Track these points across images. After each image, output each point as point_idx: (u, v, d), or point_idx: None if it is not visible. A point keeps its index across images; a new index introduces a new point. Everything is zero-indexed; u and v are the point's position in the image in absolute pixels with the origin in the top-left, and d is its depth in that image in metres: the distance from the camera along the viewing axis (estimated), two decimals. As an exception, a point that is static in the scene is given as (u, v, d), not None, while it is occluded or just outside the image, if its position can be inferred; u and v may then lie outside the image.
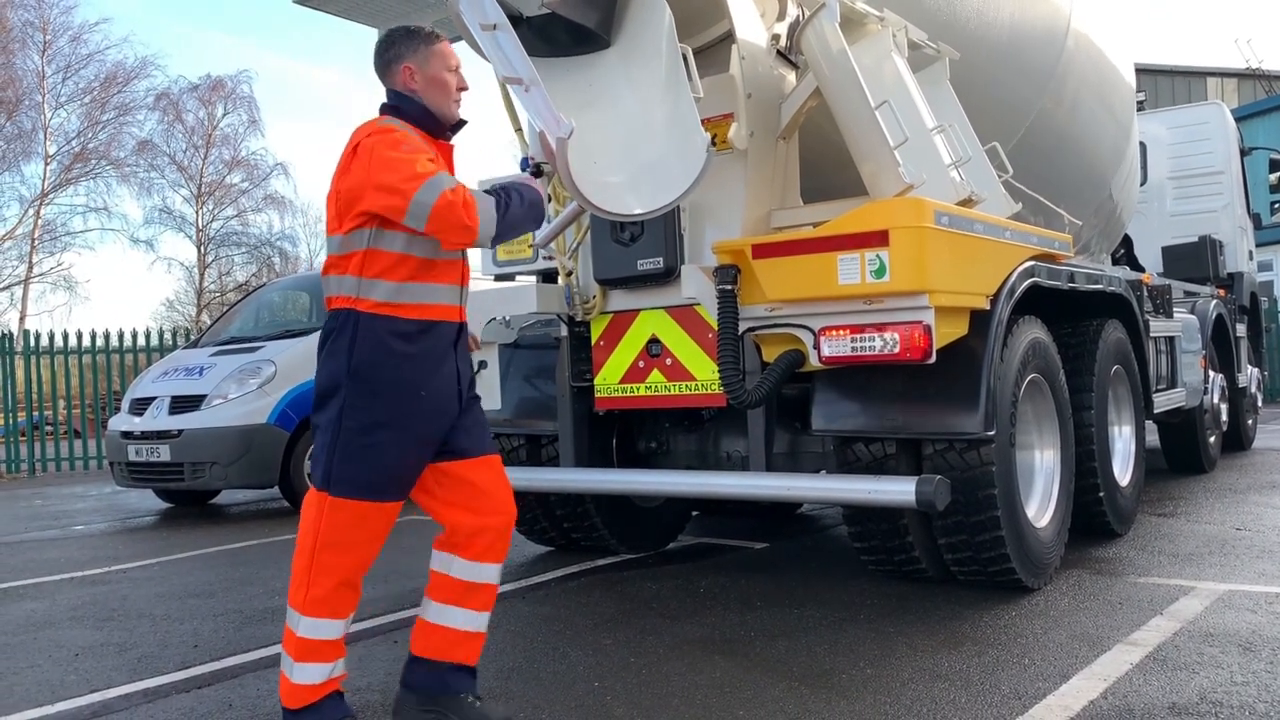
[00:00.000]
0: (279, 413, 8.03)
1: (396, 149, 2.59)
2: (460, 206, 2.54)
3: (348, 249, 2.67)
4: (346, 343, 2.67)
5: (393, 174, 2.55)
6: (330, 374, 2.70)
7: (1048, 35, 5.54)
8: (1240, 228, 9.71)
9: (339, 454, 2.67)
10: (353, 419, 2.66)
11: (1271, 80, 24.81)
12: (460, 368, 2.83)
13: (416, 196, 2.52)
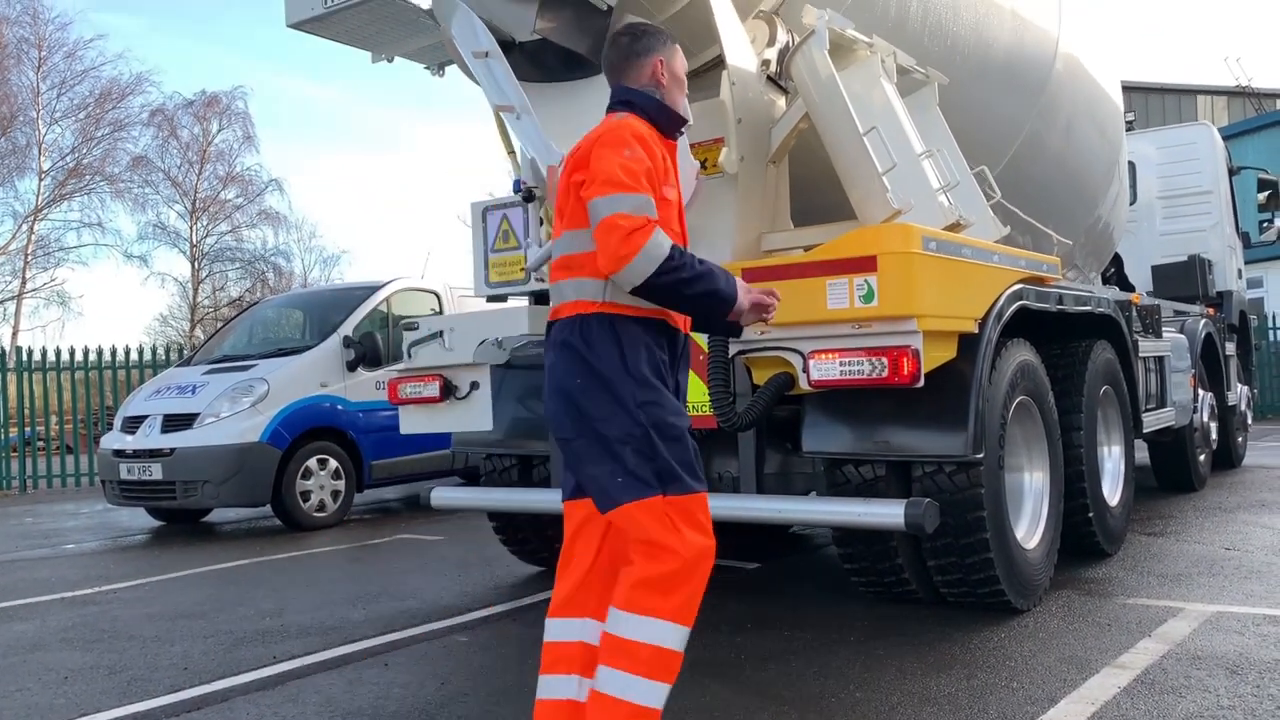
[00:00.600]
0: (271, 431, 8.04)
1: (619, 151, 2.50)
2: (623, 233, 2.40)
3: (588, 248, 2.53)
4: (614, 348, 2.51)
5: (604, 181, 2.46)
6: (606, 383, 2.50)
7: (1036, 58, 5.59)
8: (1229, 247, 9.77)
9: (663, 450, 2.48)
10: (654, 414, 2.50)
11: (1261, 98, 25.02)
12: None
13: (603, 206, 2.44)
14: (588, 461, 2.53)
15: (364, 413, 8.60)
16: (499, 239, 5.13)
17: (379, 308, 9.17)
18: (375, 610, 4.95)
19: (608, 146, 2.52)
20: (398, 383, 4.87)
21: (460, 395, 4.73)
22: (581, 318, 2.55)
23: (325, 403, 8.45)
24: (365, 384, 8.64)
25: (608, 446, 2.49)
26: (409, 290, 9.54)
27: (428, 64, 5.21)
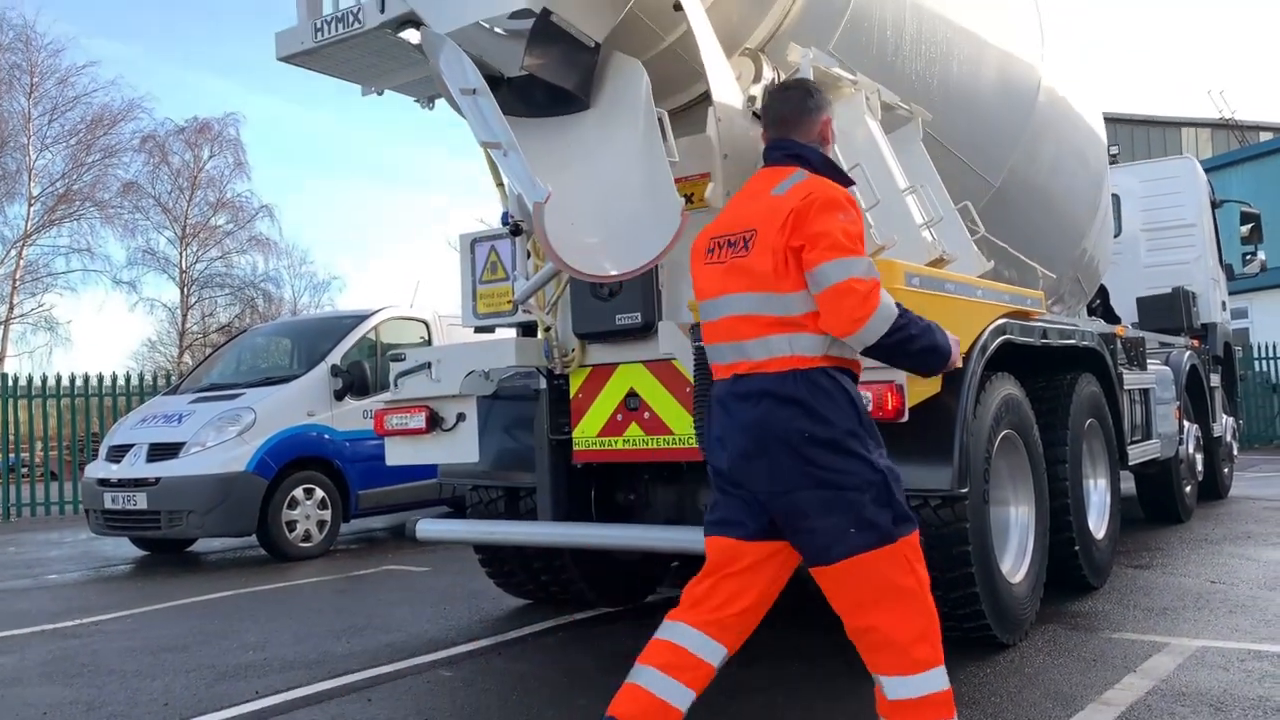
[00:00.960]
0: (258, 460, 8.00)
1: (837, 215, 2.59)
2: (860, 297, 2.50)
3: (805, 308, 2.60)
4: (845, 399, 2.59)
5: (827, 246, 2.54)
6: (842, 433, 2.56)
7: (1019, 93, 5.66)
8: (1213, 279, 9.86)
9: (897, 494, 2.60)
10: (887, 461, 2.63)
11: (1244, 130, 25.32)
12: None
13: (834, 272, 2.52)
14: (813, 514, 2.55)
15: (351, 442, 8.58)
16: (487, 270, 5.14)
17: (367, 336, 9.17)
18: (359, 644, 4.91)
19: (826, 211, 2.58)
20: (384, 414, 4.86)
21: (446, 427, 4.72)
22: (802, 372, 2.59)
23: (312, 432, 8.42)
24: (353, 413, 8.62)
25: (842, 497, 2.54)
26: (398, 319, 9.54)
27: (418, 97, 5.23)
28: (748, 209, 2.77)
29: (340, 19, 4.55)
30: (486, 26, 4.08)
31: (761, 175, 2.85)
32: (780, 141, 2.85)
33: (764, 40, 4.27)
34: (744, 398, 2.64)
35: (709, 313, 2.80)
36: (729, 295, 2.72)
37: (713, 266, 2.79)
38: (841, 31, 4.41)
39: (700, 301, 2.85)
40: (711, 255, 2.81)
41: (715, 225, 2.87)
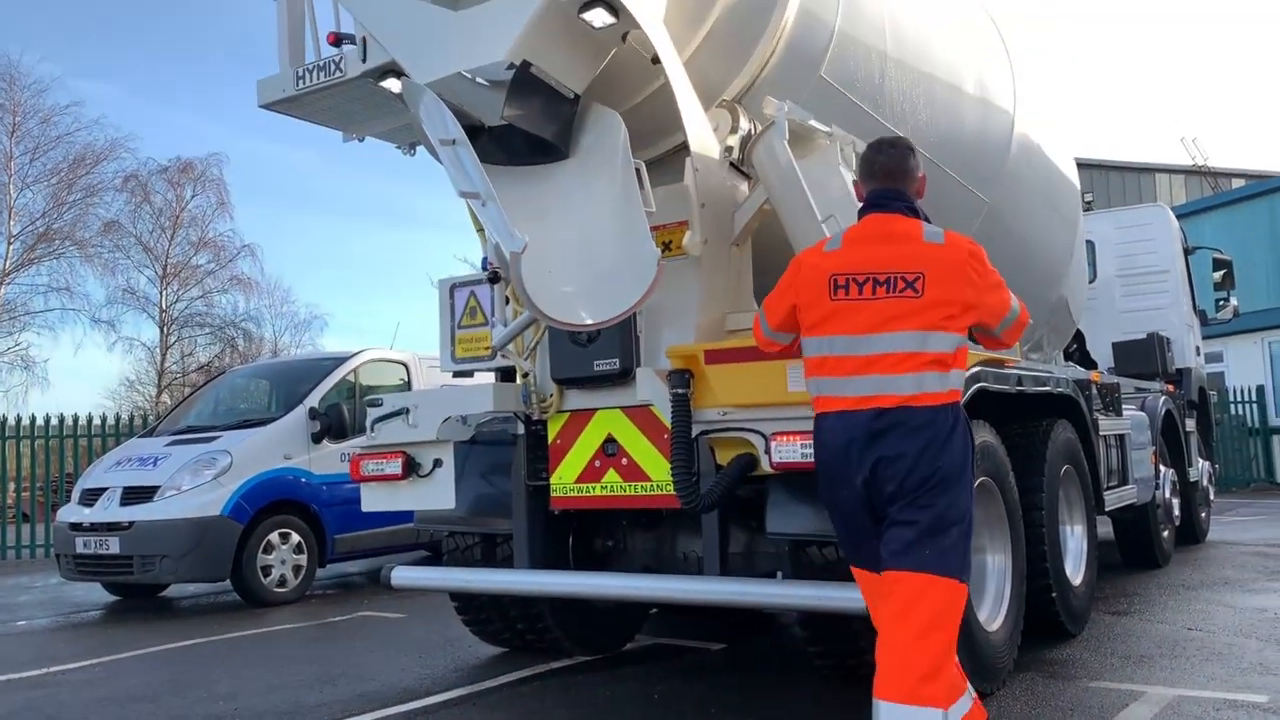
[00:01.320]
0: (233, 504, 7.92)
1: (987, 262, 3.04)
2: (1025, 315, 3.15)
3: (955, 346, 2.92)
4: (963, 434, 2.92)
5: (1001, 289, 3.06)
6: (958, 466, 2.88)
7: (993, 142, 5.75)
8: (1187, 325, 9.98)
9: (971, 539, 2.92)
10: (973, 505, 2.96)
11: (1216, 177, 25.76)
12: None
13: (1014, 307, 3.10)
14: (929, 537, 2.84)
15: (328, 485, 8.51)
16: (466, 315, 5.15)
17: (346, 378, 9.13)
18: (333, 693, 4.84)
19: (980, 261, 3.01)
20: (360, 459, 4.84)
21: (423, 473, 4.70)
22: (948, 408, 2.90)
23: (289, 475, 8.35)
24: (330, 456, 8.56)
25: (945, 527, 2.85)
26: (377, 361, 9.51)
27: (399, 144, 5.28)
28: (896, 252, 2.95)
29: (322, 67, 4.61)
30: (468, 77, 4.13)
31: (883, 220, 3.06)
32: (893, 191, 3.11)
33: (740, 92, 4.34)
34: (888, 430, 2.85)
35: (851, 347, 2.93)
36: (889, 333, 2.88)
37: (859, 303, 2.92)
38: (816, 84, 4.49)
39: (837, 335, 2.96)
40: (847, 293, 2.94)
41: (843, 264, 2.99)
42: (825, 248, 3.12)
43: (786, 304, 3.13)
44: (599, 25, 3.75)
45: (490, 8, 3.85)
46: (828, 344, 2.97)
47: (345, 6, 4.40)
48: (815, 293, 3.00)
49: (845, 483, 2.93)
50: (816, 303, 2.99)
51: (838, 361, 2.94)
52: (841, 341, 2.94)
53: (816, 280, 3.00)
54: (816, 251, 3.13)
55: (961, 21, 5.80)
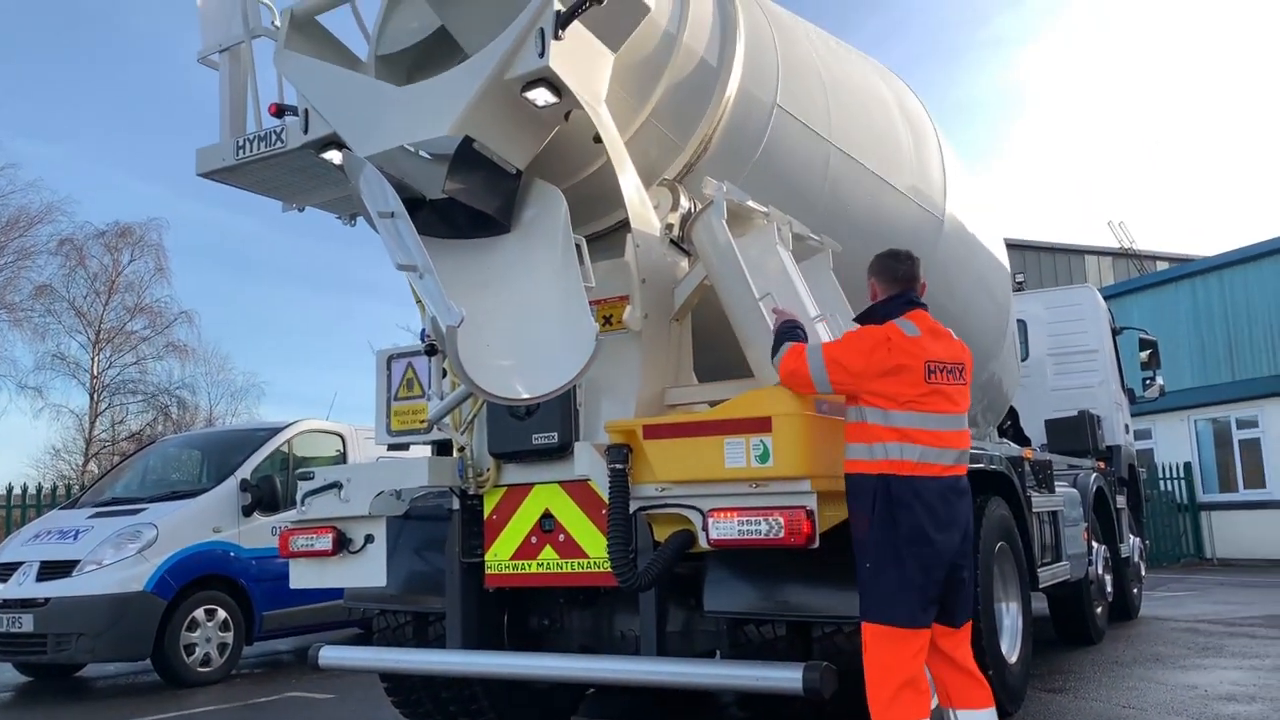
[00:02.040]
0: (157, 579, 7.64)
1: None
2: None
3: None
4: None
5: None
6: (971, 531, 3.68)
7: (925, 224, 5.91)
8: (1116, 403, 10.23)
9: None
10: None
11: (1143, 260, 26.73)
12: None
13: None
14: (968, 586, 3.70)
15: (258, 560, 8.26)
16: (403, 387, 5.10)
17: (280, 449, 8.94)
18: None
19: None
20: (289, 534, 4.72)
21: (354, 549, 4.60)
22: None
23: (217, 549, 8.10)
24: (261, 529, 8.33)
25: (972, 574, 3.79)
26: (313, 431, 9.34)
27: (339, 214, 5.27)
28: (950, 346, 3.69)
29: (263, 138, 4.60)
30: (410, 150, 4.16)
31: (927, 318, 3.73)
32: (910, 293, 3.79)
33: (680, 172, 4.42)
34: (960, 493, 3.61)
35: (944, 424, 3.57)
36: (959, 414, 3.63)
37: (944, 387, 3.58)
38: (754, 166, 4.59)
39: (939, 413, 3.56)
40: (936, 377, 3.56)
41: (930, 352, 3.59)
42: (906, 332, 3.60)
43: (877, 366, 3.52)
44: (542, 104, 3.80)
45: (434, 83, 3.90)
46: (928, 419, 3.54)
47: (288, 79, 4.41)
48: (911, 372, 3.52)
49: (944, 532, 3.50)
50: (914, 381, 3.52)
51: (935, 435, 3.54)
52: (940, 418, 3.55)
53: (915, 360, 3.54)
54: (900, 333, 3.59)
55: (896, 107, 6.00)
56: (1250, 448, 17.68)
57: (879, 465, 3.51)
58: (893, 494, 3.47)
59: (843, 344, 3.65)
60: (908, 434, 3.50)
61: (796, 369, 3.61)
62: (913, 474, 3.48)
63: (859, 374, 3.54)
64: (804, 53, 5.19)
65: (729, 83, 4.48)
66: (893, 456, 3.49)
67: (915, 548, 3.45)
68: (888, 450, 3.50)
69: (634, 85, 4.28)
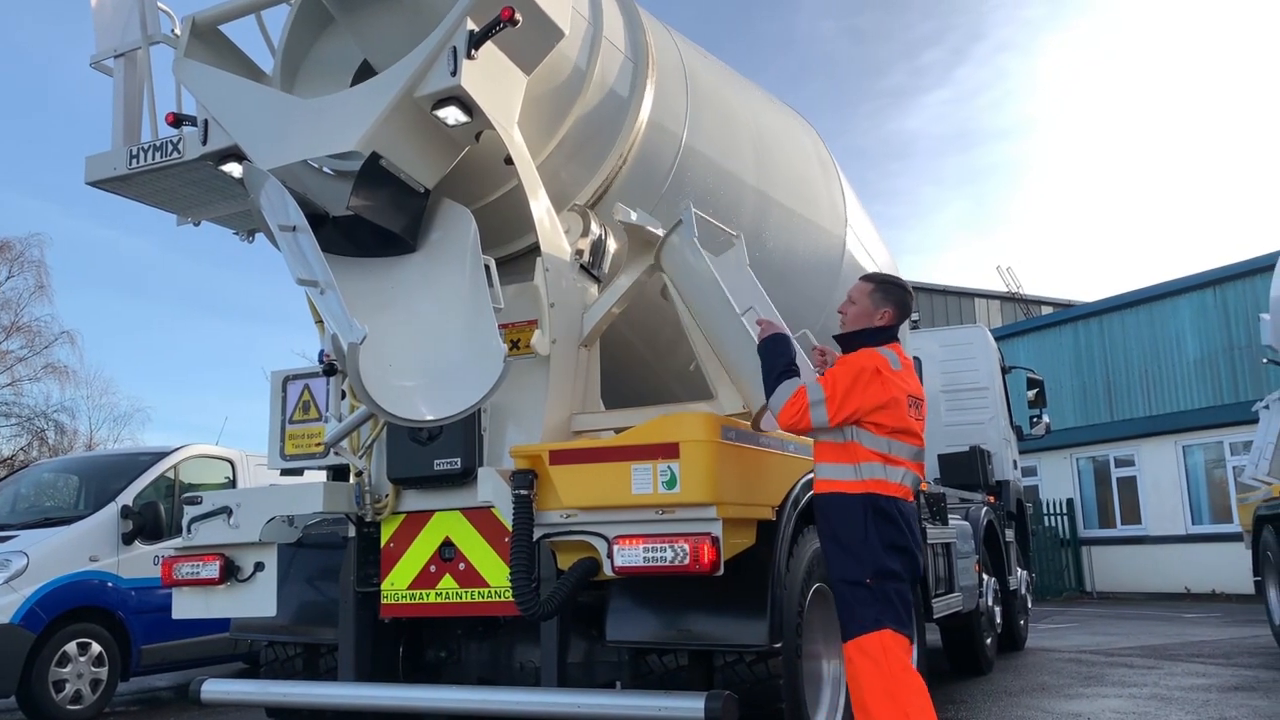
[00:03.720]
0: (25, 611, 7.19)
1: None
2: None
3: None
4: None
5: None
6: None
7: (827, 262, 6.03)
8: (1005, 439, 10.58)
9: None
10: None
11: (1028, 304, 27.87)
12: None
13: None
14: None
15: (137, 590, 7.86)
16: (299, 410, 4.93)
17: (165, 475, 8.55)
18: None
19: None
20: (173, 562, 4.50)
21: (243, 577, 4.41)
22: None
23: (93, 579, 7.68)
24: (142, 558, 7.93)
25: None
26: (200, 457, 8.98)
27: (236, 229, 5.11)
28: (916, 382, 3.96)
29: (159, 147, 4.44)
30: (313, 165, 4.06)
31: (901, 350, 3.95)
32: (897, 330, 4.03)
33: (591, 198, 4.42)
34: (918, 517, 4.03)
35: (916, 453, 3.85)
36: (922, 445, 3.89)
37: (916, 421, 3.84)
38: (664, 195, 4.62)
39: (913, 445, 3.83)
40: (912, 411, 3.82)
41: (909, 386, 3.86)
42: (893, 365, 3.81)
43: (872, 400, 3.70)
44: (452, 123, 3.76)
45: (341, 97, 3.82)
46: (905, 448, 3.79)
47: (188, 88, 4.26)
48: (899, 405, 3.75)
49: (918, 550, 3.78)
50: (899, 414, 3.75)
51: (915, 466, 3.84)
52: (909, 448, 3.81)
53: (901, 399, 3.77)
54: (887, 366, 3.78)
55: (798, 143, 6.13)
56: (1127, 485, 18.51)
57: (865, 484, 3.71)
58: (882, 509, 3.69)
59: (844, 388, 3.73)
60: (891, 459, 3.75)
61: (799, 421, 3.75)
62: (894, 494, 3.74)
63: (858, 410, 3.72)
64: (713, 87, 5.27)
65: (640, 113, 4.51)
66: (878, 476, 3.72)
67: (905, 558, 3.72)
68: (874, 470, 3.72)
69: (546, 111, 4.27)
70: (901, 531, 3.71)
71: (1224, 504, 16.66)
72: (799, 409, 3.72)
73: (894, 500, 3.73)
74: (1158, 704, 6.52)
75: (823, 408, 3.71)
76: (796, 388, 3.76)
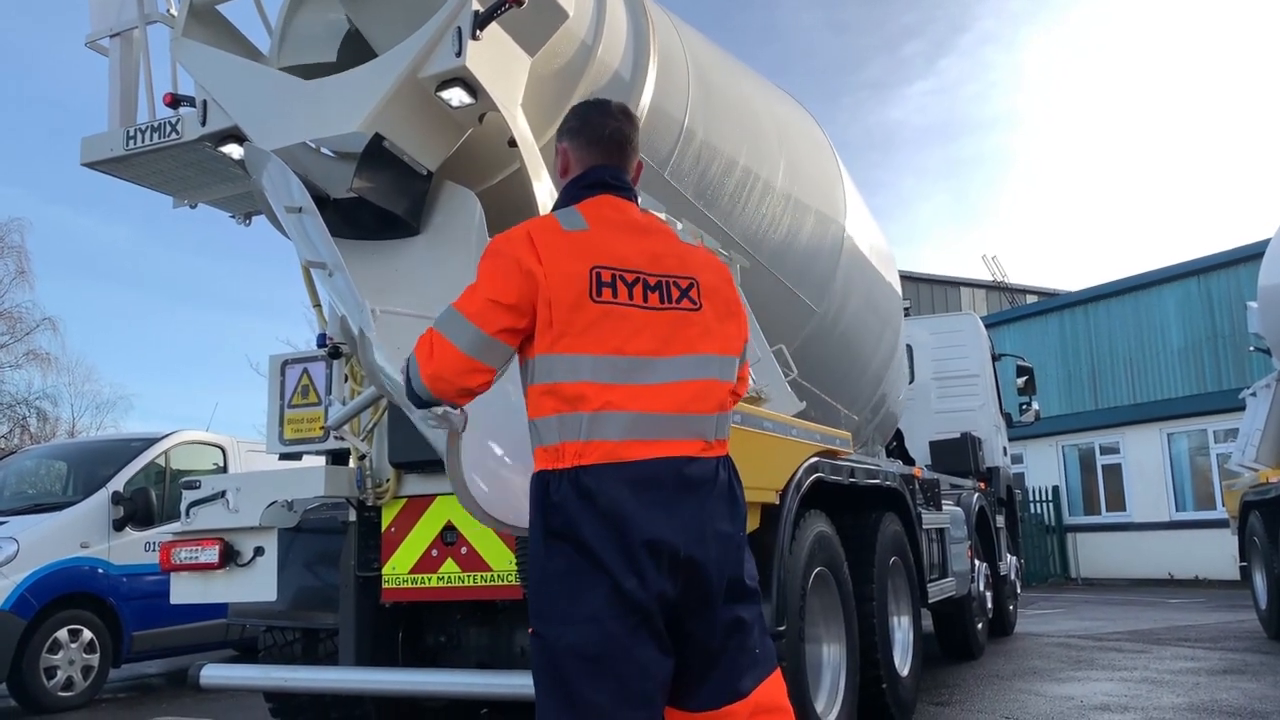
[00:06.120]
0: (16, 598, 7.15)
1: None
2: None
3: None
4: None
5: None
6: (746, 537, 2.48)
7: (827, 247, 6.04)
8: (996, 426, 10.65)
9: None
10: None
11: (1014, 293, 27.99)
12: None
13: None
14: (761, 630, 2.34)
15: (129, 577, 7.82)
16: (297, 394, 4.89)
17: (156, 461, 8.50)
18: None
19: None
20: (171, 547, 4.46)
21: (242, 561, 4.38)
22: (730, 459, 2.39)
23: (84, 566, 7.63)
24: (134, 545, 7.89)
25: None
26: (191, 443, 8.92)
27: (233, 213, 5.05)
28: (658, 247, 2.46)
29: (156, 128, 4.39)
30: (313, 147, 4.02)
31: (621, 206, 2.47)
32: (622, 170, 2.58)
33: (594, 181, 4.39)
34: (695, 485, 2.33)
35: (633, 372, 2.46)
36: (677, 359, 2.41)
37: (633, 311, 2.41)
38: (667, 177, 4.61)
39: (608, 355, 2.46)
40: (615, 294, 2.37)
41: (603, 254, 2.45)
42: (564, 225, 2.32)
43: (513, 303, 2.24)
44: (456, 104, 3.73)
45: (344, 78, 3.78)
46: (605, 365, 2.21)
47: (186, 69, 4.21)
48: (573, 290, 2.22)
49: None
50: (575, 305, 2.22)
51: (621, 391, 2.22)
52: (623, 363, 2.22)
53: (573, 269, 2.24)
54: (552, 228, 2.32)
55: (798, 128, 6.13)
56: (1112, 472, 18.66)
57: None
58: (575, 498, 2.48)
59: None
60: (565, 393, 2.46)
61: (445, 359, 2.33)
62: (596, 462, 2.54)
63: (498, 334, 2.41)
64: (714, 72, 5.25)
65: (642, 96, 4.49)
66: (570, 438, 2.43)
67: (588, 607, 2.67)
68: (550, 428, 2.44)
69: (550, 93, 4.23)
70: (585, 529, 2.19)
71: (1207, 491, 16.83)
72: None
73: (588, 470, 2.19)
74: (1149, 687, 6.59)
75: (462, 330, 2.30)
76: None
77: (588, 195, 2.42)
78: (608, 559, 2.12)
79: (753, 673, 2.28)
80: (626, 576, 2.11)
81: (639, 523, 2.14)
